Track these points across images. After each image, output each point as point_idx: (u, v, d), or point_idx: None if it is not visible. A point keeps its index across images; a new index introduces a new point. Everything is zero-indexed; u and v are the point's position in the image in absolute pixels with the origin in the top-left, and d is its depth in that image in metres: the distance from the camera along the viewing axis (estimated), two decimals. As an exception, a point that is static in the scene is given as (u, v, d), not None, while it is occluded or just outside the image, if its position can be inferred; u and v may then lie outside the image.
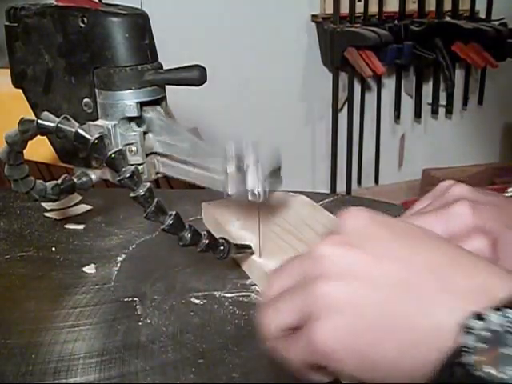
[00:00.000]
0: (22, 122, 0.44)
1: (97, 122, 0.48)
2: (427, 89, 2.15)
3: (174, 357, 0.42)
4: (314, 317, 0.29)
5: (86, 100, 0.49)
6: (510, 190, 0.49)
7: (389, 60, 1.88)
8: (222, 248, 0.47)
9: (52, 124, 0.43)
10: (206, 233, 0.46)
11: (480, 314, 0.25)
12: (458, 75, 2.15)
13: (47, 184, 0.52)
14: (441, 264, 0.30)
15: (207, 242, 0.46)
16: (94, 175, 0.53)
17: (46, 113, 0.44)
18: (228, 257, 0.47)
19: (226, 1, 1.80)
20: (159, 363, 0.41)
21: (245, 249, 0.50)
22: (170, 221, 0.44)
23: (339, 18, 1.87)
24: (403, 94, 2.14)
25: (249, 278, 0.52)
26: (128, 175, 0.42)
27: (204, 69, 0.46)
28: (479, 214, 0.38)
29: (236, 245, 0.48)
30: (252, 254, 0.51)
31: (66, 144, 0.52)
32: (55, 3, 0.49)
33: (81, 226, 0.65)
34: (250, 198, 0.45)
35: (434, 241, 0.32)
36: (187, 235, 0.45)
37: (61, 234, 0.64)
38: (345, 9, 1.89)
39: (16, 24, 0.51)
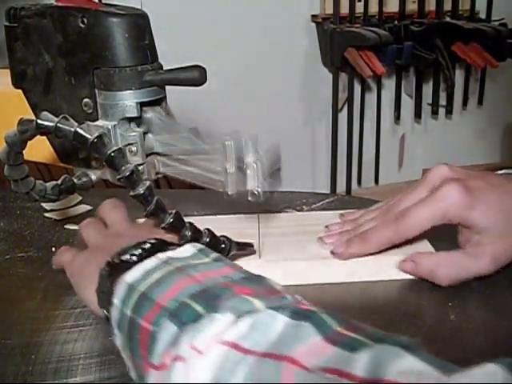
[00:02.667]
0: (21, 122, 0.44)
1: (97, 123, 0.48)
2: (427, 89, 2.15)
3: (174, 357, 0.41)
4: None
5: (85, 100, 0.49)
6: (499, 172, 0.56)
7: (389, 60, 1.88)
8: (223, 246, 0.47)
9: (51, 124, 0.43)
10: (206, 231, 0.46)
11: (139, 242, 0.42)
12: (458, 75, 2.15)
13: (47, 184, 0.52)
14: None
15: (208, 240, 0.46)
16: (93, 175, 0.53)
17: (45, 113, 0.44)
18: (229, 255, 0.47)
19: (226, 1, 1.80)
20: (159, 363, 0.41)
21: (246, 247, 0.50)
22: (170, 219, 0.44)
23: (339, 18, 1.87)
24: (403, 94, 2.14)
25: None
26: (128, 174, 0.42)
27: (204, 69, 0.46)
28: (456, 171, 0.52)
29: (237, 243, 0.48)
30: (254, 252, 0.51)
31: (66, 144, 0.52)
32: (55, 3, 0.49)
33: (81, 226, 0.65)
34: (249, 198, 0.45)
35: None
36: (188, 233, 0.45)
37: (61, 234, 0.64)
38: (345, 9, 1.89)
39: (16, 24, 0.51)
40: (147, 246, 0.41)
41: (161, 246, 0.41)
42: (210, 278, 0.36)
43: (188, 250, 0.41)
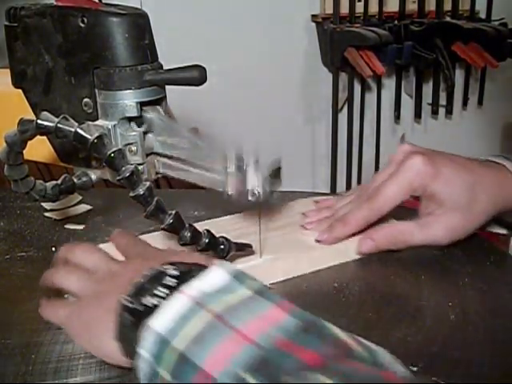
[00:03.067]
0: (22, 122, 0.44)
1: (97, 122, 0.48)
2: (427, 89, 2.15)
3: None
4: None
5: (85, 100, 0.49)
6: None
7: (389, 60, 1.88)
8: (222, 247, 0.47)
9: (51, 124, 0.43)
10: (206, 232, 0.46)
11: (145, 274, 0.37)
12: (458, 75, 2.15)
13: (47, 184, 0.52)
14: None
15: (207, 240, 0.46)
16: (94, 175, 0.53)
17: (45, 113, 0.44)
18: (228, 256, 0.47)
19: (226, 1, 1.80)
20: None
21: (245, 247, 0.50)
22: (170, 220, 0.44)
23: (339, 18, 1.87)
24: (403, 94, 2.14)
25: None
26: (127, 174, 0.42)
27: (204, 69, 0.46)
28: (419, 148, 0.55)
29: (236, 243, 0.48)
30: (253, 253, 0.51)
31: (66, 144, 0.52)
32: (55, 3, 0.49)
33: (81, 226, 0.65)
34: (249, 197, 0.45)
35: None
36: (187, 234, 0.45)
37: (61, 234, 0.64)
38: (345, 9, 1.89)
39: (16, 24, 0.51)
40: (169, 280, 0.36)
41: (184, 275, 0.36)
42: (261, 334, 0.30)
43: (220, 276, 0.35)
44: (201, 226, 0.47)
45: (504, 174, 0.54)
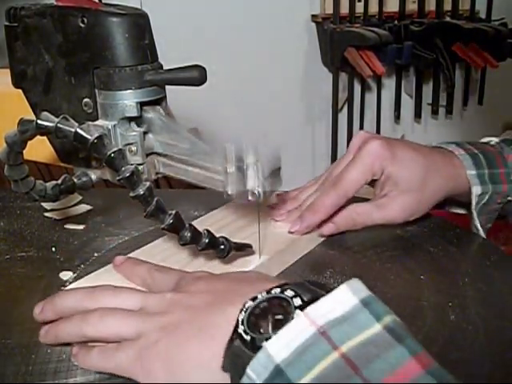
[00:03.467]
0: (22, 122, 0.44)
1: (97, 122, 0.48)
2: (427, 89, 2.15)
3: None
4: None
5: (85, 100, 0.49)
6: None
7: (389, 60, 1.88)
8: (222, 247, 0.47)
9: (51, 124, 0.43)
10: (206, 232, 0.46)
11: (254, 297, 0.34)
12: (458, 75, 2.15)
13: (47, 184, 0.52)
14: None
15: (207, 240, 0.46)
16: (94, 175, 0.53)
17: (45, 113, 0.44)
18: (228, 255, 0.47)
19: (226, 1, 1.80)
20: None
21: (245, 247, 0.50)
22: (170, 220, 0.44)
23: (339, 18, 1.87)
24: (403, 94, 2.14)
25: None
26: (128, 174, 0.42)
27: (204, 69, 0.46)
28: (375, 134, 0.59)
29: (236, 243, 0.48)
30: (253, 253, 0.51)
31: (66, 144, 0.52)
32: (55, 3, 0.49)
33: (81, 226, 0.65)
34: (250, 198, 0.45)
35: None
36: (187, 234, 0.45)
37: (61, 233, 0.64)
38: (345, 9, 1.89)
39: (16, 24, 0.51)
40: (286, 302, 0.32)
41: (304, 295, 0.32)
42: None
43: (346, 299, 0.31)
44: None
45: (451, 158, 0.60)
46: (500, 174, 0.60)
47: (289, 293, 0.33)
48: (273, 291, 0.34)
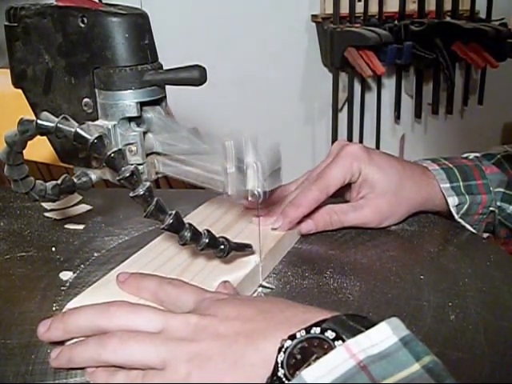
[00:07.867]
0: (22, 122, 0.44)
1: (97, 122, 0.48)
2: (427, 89, 2.15)
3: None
4: None
5: (85, 100, 0.49)
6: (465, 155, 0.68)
7: (389, 60, 1.88)
8: (222, 247, 0.47)
9: (51, 124, 0.43)
10: (206, 232, 0.46)
11: (293, 335, 0.32)
12: (458, 75, 2.15)
13: (47, 184, 0.52)
14: None
15: (207, 240, 0.46)
16: (93, 175, 0.53)
17: (45, 113, 0.44)
18: (228, 255, 0.47)
19: (226, 1, 1.80)
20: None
21: (245, 248, 0.50)
22: (169, 220, 0.44)
23: (339, 18, 1.87)
24: (403, 94, 2.14)
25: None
26: (127, 174, 0.42)
27: (204, 69, 0.46)
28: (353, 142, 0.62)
29: (236, 243, 0.48)
30: (253, 253, 0.51)
31: (66, 144, 0.52)
32: (55, 3, 0.49)
33: (81, 226, 0.65)
34: (249, 198, 0.45)
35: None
36: (187, 234, 0.45)
37: (61, 233, 0.64)
38: (345, 9, 1.89)
39: (16, 24, 0.51)
40: (332, 345, 0.30)
41: (343, 327, 0.32)
42: None
43: (386, 336, 0.30)
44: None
45: (424, 170, 0.63)
46: (477, 185, 0.62)
47: (329, 334, 0.31)
48: (312, 331, 0.32)
